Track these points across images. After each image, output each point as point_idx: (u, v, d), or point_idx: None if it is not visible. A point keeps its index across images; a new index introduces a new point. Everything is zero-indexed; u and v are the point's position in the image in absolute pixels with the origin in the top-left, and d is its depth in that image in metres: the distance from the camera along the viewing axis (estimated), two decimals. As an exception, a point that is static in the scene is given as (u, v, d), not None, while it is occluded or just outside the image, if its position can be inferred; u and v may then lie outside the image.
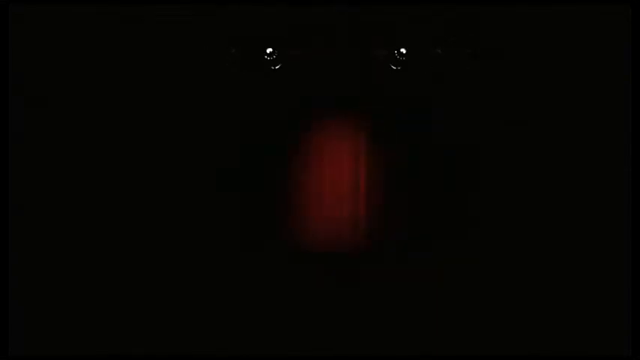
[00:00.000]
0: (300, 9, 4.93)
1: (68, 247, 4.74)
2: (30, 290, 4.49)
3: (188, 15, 4.86)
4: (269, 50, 5.03)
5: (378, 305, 4.95)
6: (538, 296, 4.77)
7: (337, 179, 5.49)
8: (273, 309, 4.90)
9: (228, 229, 5.23)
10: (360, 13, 4.96)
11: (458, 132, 5.25)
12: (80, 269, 4.74)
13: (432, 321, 4.77)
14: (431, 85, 5.29)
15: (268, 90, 5.35)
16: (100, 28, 4.80)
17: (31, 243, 4.59)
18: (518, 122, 5.05)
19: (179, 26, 4.93)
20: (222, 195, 5.25)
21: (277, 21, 5.02)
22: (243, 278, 5.08)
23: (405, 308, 4.90)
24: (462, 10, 4.86)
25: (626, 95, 4.38)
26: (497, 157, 5.13)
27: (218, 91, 5.25)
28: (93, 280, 4.76)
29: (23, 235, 4.52)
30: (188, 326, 4.68)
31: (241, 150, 5.33)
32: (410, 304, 4.93)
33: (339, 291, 5.10)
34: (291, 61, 5.27)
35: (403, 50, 5.02)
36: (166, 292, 4.87)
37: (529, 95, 5.02)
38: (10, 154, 4.27)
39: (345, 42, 5.17)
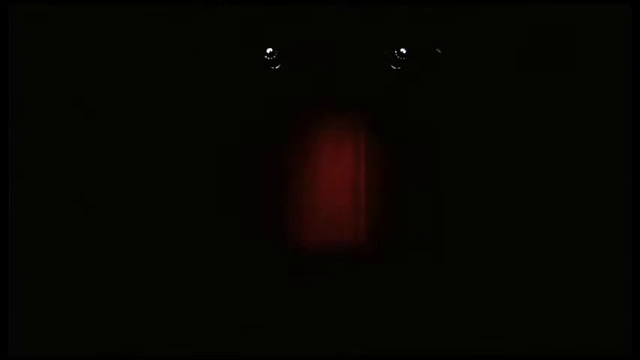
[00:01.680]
0: (300, 9, 4.93)
1: (68, 247, 4.74)
2: (30, 290, 4.49)
3: (188, 15, 4.87)
4: (269, 50, 5.04)
5: (379, 305, 4.95)
6: (538, 296, 4.77)
7: (338, 179, 5.50)
8: (273, 309, 4.90)
9: (228, 228, 5.23)
10: (360, 13, 4.97)
11: (458, 131, 5.25)
12: (80, 269, 4.75)
13: (432, 321, 4.77)
14: (430, 84, 5.30)
15: (268, 90, 5.35)
16: (100, 28, 4.80)
17: (31, 243, 4.59)
18: (519, 122, 5.06)
19: (179, 26, 4.94)
20: (223, 194, 5.25)
21: (277, 21, 5.02)
22: (243, 278, 5.09)
23: (405, 308, 4.90)
24: (462, 10, 4.86)
25: (626, 95, 4.37)
26: (498, 157, 5.13)
27: (217, 90, 5.26)
28: (93, 280, 4.76)
29: (23, 235, 4.51)
30: (188, 326, 4.68)
31: (241, 150, 5.34)
32: (410, 304, 4.93)
33: (338, 290, 5.10)
34: (290, 61, 5.28)
35: (403, 50, 5.03)
36: (166, 292, 4.88)
37: (529, 95, 5.02)
38: (10, 154, 4.26)
39: (344, 42, 5.17)
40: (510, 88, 5.06)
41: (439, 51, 4.98)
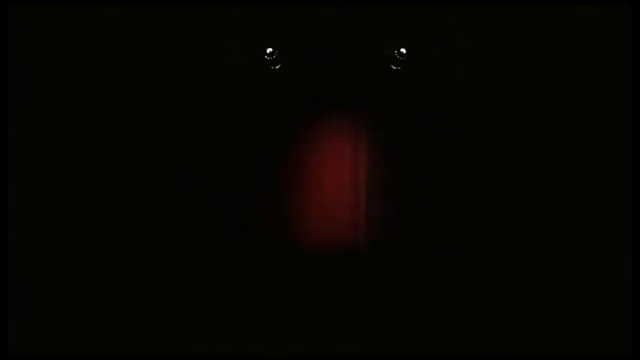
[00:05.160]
0: (300, 9, 4.93)
1: (68, 247, 4.74)
2: (30, 290, 4.49)
3: (188, 15, 4.87)
4: (269, 50, 5.02)
5: (379, 304, 4.95)
6: (538, 296, 4.77)
7: (337, 179, 5.50)
8: (273, 309, 4.90)
9: (228, 228, 5.23)
10: (360, 13, 4.97)
11: (458, 131, 5.25)
12: (80, 269, 4.74)
13: (432, 320, 4.77)
14: (431, 84, 5.30)
15: (268, 89, 5.35)
16: (100, 28, 4.80)
17: (31, 243, 4.59)
18: (519, 123, 5.06)
19: (179, 26, 4.94)
20: (223, 194, 5.25)
21: (277, 21, 5.02)
22: (243, 278, 5.09)
23: (406, 307, 4.90)
24: (462, 10, 4.87)
25: (626, 96, 4.38)
26: (498, 157, 5.13)
27: (218, 90, 5.26)
28: (93, 280, 4.76)
29: (23, 235, 4.52)
30: (188, 326, 4.68)
31: (242, 149, 5.33)
32: (410, 304, 4.93)
33: (338, 290, 5.10)
34: (290, 61, 5.28)
35: (403, 50, 5.02)
36: (166, 292, 4.87)
37: (529, 96, 5.02)
38: (10, 154, 4.27)
39: (345, 42, 5.18)
40: (510, 88, 5.06)
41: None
